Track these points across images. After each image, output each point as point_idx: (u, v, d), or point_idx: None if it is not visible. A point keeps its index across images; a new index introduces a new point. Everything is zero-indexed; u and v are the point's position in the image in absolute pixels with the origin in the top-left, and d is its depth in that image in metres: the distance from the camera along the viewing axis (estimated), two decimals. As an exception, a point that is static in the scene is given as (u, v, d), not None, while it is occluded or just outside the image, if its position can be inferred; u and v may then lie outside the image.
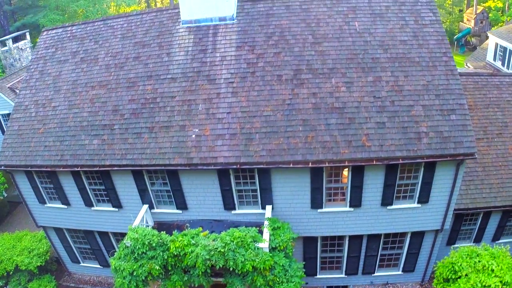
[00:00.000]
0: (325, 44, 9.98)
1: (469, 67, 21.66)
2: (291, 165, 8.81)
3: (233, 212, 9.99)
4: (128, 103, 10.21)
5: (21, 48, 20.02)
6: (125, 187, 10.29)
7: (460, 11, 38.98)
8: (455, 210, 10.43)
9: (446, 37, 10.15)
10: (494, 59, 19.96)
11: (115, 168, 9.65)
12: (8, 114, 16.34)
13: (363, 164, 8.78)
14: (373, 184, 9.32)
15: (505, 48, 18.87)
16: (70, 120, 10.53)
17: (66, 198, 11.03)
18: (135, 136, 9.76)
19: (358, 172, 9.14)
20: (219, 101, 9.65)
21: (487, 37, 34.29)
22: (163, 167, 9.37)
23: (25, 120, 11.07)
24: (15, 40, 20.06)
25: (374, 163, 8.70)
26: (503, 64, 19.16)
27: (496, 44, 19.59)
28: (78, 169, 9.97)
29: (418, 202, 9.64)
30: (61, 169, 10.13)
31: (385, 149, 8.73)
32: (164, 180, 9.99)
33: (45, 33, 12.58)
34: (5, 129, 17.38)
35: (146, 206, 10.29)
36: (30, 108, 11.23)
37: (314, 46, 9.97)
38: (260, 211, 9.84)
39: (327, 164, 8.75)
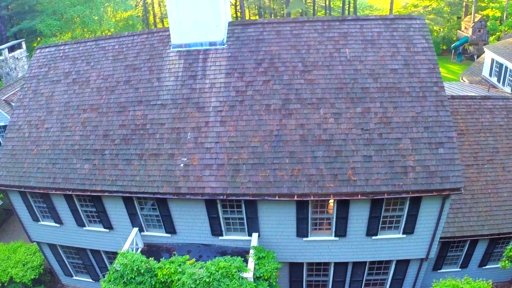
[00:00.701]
0: (315, 73, 9.93)
1: (464, 81, 21.42)
2: (276, 198, 8.92)
3: (220, 238, 10.17)
4: (119, 128, 10.31)
5: (17, 58, 20.01)
6: (116, 211, 10.48)
7: (459, 18, 38.26)
8: (441, 238, 10.52)
9: (438, 66, 10.07)
10: (490, 75, 19.70)
11: (106, 194, 9.83)
12: (4, 126, 16.51)
13: (348, 198, 8.86)
14: (358, 216, 9.41)
15: (501, 64, 18.59)
16: (62, 142, 10.67)
17: (59, 217, 11.27)
18: (125, 163, 9.89)
19: (343, 204, 9.23)
20: (207, 130, 9.71)
21: (484, 45, 33.80)
22: (152, 195, 9.53)
23: (19, 140, 11.24)
24: (11, 49, 19.99)
25: (359, 197, 8.77)
26: (498, 80, 18.91)
27: (492, 60, 19.31)
28: (70, 192, 10.16)
29: (403, 233, 9.73)
30: (53, 192, 10.34)
31: (371, 184, 8.78)
32: (153, 206, 10.15)
33: (38, 51, 12.62)
34: (1, 142, 17.70)
35: (136, 229, 10.49)
36: (23, 128, 11.37)
37: (303, 74, 9.94)
38: (247, 237, 10.01)
39: (312, 198, 8.84)
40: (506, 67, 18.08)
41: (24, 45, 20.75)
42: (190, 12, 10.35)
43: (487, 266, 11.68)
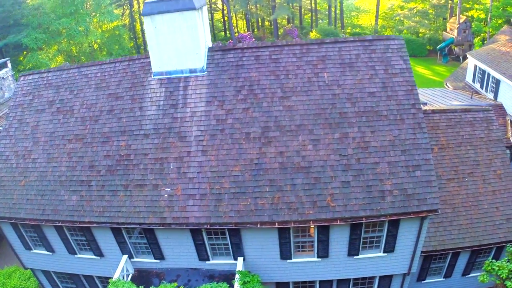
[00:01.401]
0: (294, 99, 10.06)
1: (448, 87, 21.50)
2: (258, 226, 9.18)
3: (207, 262, 10.48)
4: (104, 159, 10.49)
5: (2, 77, 19.93)
6: (105, 240, 10.76)
7: (444, 19, 38.05)
8: (423, 252, 10.86)
9: (415, 87, 10.18)
10: (473, 81, 19.79)
11: (94, 225, 10.10)
12: None
13: (327, 224, 9.12)
14: (339, 238, 9.70)
15: (483, 71, 18.67)
16: (49, 174, 10.86)
17: (50, 246, 11.56)
18: (111, 194, 10.11)
19: (324, 228, 9.50)
20: (189, 159, 9.90)
21: (470, 46, 33.71)
22: (138, 226, 9.78)
23: (7, 171, 11.42)
24: None
25: (338, 222, 9.04)
26: (481, 87, 19.02)
27: (475, 66, 19.38)
28: (60, 224, 10.42)
29: (384, 252, 10.03)
30: (43, 223, 10.60)
31: (349, 209, 9.03)
32: (141, 234, 10.43)
33: (22, 78, 12.69)
34: None
35: (125, 256, 10.79)
36: (11, 158, 11.54)
37: (282, 100, 10.07)
38: (233, 261, 10.31)
39: (292, 225, 9.11)
40: (489, 74, 18.19)
41: (9, 64, 20.68)
42: (169, 40, 10.40)
43: (470, 275, 12.06)
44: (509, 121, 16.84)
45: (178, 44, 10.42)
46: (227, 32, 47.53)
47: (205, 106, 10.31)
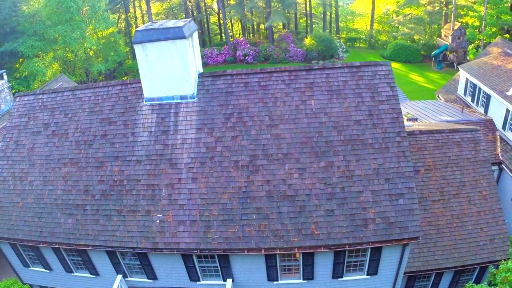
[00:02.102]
0: (281, 127, 10.36)
1: (440, 99, 21.73)
2: (245, 252, 9.54)
3: (198, 283, 10.86)
4: (98, 184, 10.81)
5: None
6: (100, 260, 11.13)
7: (439, 25, 38.22)
8: (407, 272, 11.24)
9: (401, 115, 10.45)
10: (465, 94, 20.02)
11: (90, 248, 10.46)
12: None
13: (311, 251, 9.48)
14: (323, 263, 10.07)
15: (475, 85, 18.89)
16: (46, 196, 11.20)
17: (48, 264, 11.94)
18: (106, 218, 10.45)
19: (308, 254, 9.86)
20: (180, 186, 10.22)
21: (464, 53, 33.84)
22: (131, 250, 10.14)
23: (5, 193, 11.75)
24: None
25: (322, 250, 9.40)
26: (472, 100, 19.25)
27: (467, 80, 19.60)
28: (57, 246, 10.78)
29: (368, 274, 10.40)
30: (41, 245, 10.96)
31: (333, 237, 9.38)
32: (134, 257, 10.79)
33: (18, 99, 12.95)
34: None
35: (120, 276, 11.17)
36: (8, 180, 11.86)
37: (270, 128, 10.37)
38: (222, 282, 10.69)
39: (278, 252, 9.47)
40: (480, 88, 18.42)
41: (5, 76, 20.81)
42: (160, 67, 10.67)
43: (453, 292, 12.46)
44: (498, 137, 17.12)
45: (169, 71, 10.69)
46: (223, 35, 47.61)
47: (195, 133, 10.62)
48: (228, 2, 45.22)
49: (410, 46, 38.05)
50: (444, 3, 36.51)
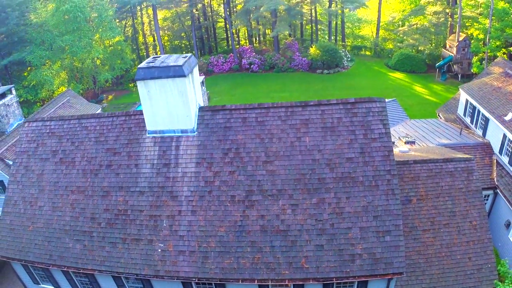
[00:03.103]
0: (276, 163, 10.86)
1: (441, 118, 21.93)
2: (240, 282, 10.13)
3: (196, 307, 11.50)
4: (104, 212, 11.46)
5: (7, 104, 20.72)
6: (106, 282, 11.83)
7: (444, 36, 38.10)
8: (395, 301, 11.68)
9: (392, 152, 10.86)
10: (464, 115, 20.20)
11: (96, 273, 11.15)
12: (0, 181, 17.68)
13: (301, 283, 10.02)
14: (315, 293, 10.61)
15: (474, 107, 19.07)
16: (54, 222, 11.90)
17: (57, 283, 12.68)
18: (111, 245, 11.11)
19: (299, 285, 10.40)
20: (180, 218, 10.82)
21: (469, 64, 33.76)
22: (135, 276, 10.80)
23: (15, 216, 12.48)
24: (1, 96, 20.60)
25: (311, 282, 9.93)
26: (471, 122, 19.44)
27: (467, 101, 19.77)
28: (65, 269, 11.50)
29: (357, 304, 10.92)
30: (50, 267, 11.69)
31: (321, 270, 9.90)
32: (138, 281, 11.45)
33: (26, 124, 13.60)
34: None
35: (123, 298, 11.86)
36: (19, 204, 12.59)
37: (266, 165, 10.88)
38: (220, 308, 11.31)
39: (270, 283, 10.04)
40: (479, 111, 18.62)
41: (14, 91, 21.50)
42: (162, 103, 11.23)
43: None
44: (495, 161, 17.38)
45: (170, 107, 11.25)
46: (229, 41, 48.11)
47: (195, 167, 11.18)
48: (235, 9, 45.58)
49: (415, 56, 38.09)
50: (449, 14, 36.44)
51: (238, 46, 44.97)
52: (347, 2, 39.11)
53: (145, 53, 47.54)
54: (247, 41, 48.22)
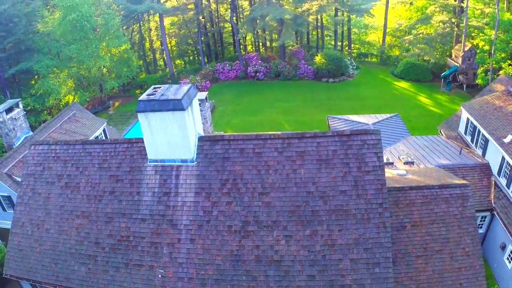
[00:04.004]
0: (272, 195, 11.23)
1: (442, 134, 21.98)
2: (235, 311, 10.57)
3: (194, 331, 11.97)
4: (107, 238, 11.98)
5: (15, 118, 21.22)
6: (107, 305, 12.36)
7: (450, 46, 37.81)
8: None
9: (385, 185, 11.11)
10: (465, 133, 20.23)
11: (99, 296, 11.71)
12: (8, 197, 18.33)
13: (295, 313, 10.41)
14: (308, 322, 10.98)
15: (475, 126, 19.12)
16: (61, 244, 12.46)
17: (62, 301, 13.29)
18: (114, 270, 11.64)
19: (293, 314, 10.80)
20: (180, 246, 11.28)
21: (474, 75, 33.53)
22: (135, 300, 11.32)
23: (23, 237, 13.09)
24: (9, 110, 21.07)
25: (304, 312, 10.32)
26: (472, 140, 19.49)
27: (468, 119, 19.79)
28: (71, 290, 12.10)
29: (349, 332, 11.26)
30: (57, 287, 12.29)
31: (314, 301, 10.28)
32: (137, 304, 11.97)
33: (32, 147, 14.12)
34: (5, 207, 19.69)
35: (125, 319, 12.38)
36: (26, 226, 13.19)
37: (262, 196, 11.25)
38: (217, 332, 11.76)
39: (263, 312, 10.45)
40: (479, 130, 18.67)
41: (21, 105, 22.04)
42: (162, 134, 11.66)
43: None
44: (493, 183, 17.50)
45: (170, 138, 11.67)
46: (236, 47, 48.49)
47: (194, 197, 11.61)
48: (241, 16, 45.84)
49: (421, 65, 37.96)
50: (455, 24, 36.21)
51: (244, 52, 45.26)
52: (352, 10, 39.11)
53: (151, 58, 48.16)
54: (253, 47, 48.44)
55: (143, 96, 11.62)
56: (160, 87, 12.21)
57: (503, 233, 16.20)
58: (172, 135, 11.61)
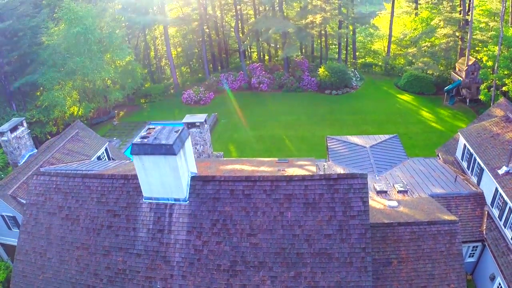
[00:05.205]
0: (259, 236, 11.71)
1: (439, 158, 22.07)
2: None
3: None
4: (105, 270, 12.63)
5: (19, 137, 21.89)
6: (104, 333, 13.06)
7: (453, 59, 37.49)
8: None
9: (369, 230, 11.48)
10: (462, 159, 20.30)
11: (96, 325, 12.39)
12: (13, 217, 19.15)
13: None
14: None
15: (471, 154, 19.19)
16: (62, 274, 13.16)
17: (62, 327, 14.04)
18: (110, 301, 12.31)
19: None
20: (172, 281, 11.86)
21: (477, 89, 33.25)
22: (129, 332, 11.97)
23: (27, 264, 13.84)
24: (13, 129, 21.76)
25: None
26: (468, 167, 19.55)
27: (465, 146, 19.87)
28: (72, 321, 12.81)
29: None
30: (59, 316, 13.04)
31: None
32: (131, 335, 12.63)
33: (35, 177, 14.77)
34: (10, 226, 20.55)
35: None
36: (30, 254, 13.92)
37: (249, 237, 11.74)
38: None
39: None
40: (475, 158, 18.76)
41: (25, 123, 22.78)
42: (155, 175, 12.19)
43: None
44: (486, 213, 17.64)
45: (163, 179, 12.21)
46: (240, 56, 48.85)
47: (186, 236, 12.16)
48: (246, 24, 46.07)
49: (424, 78, 37.80)
50: (459, 37, 35.91)
51: (249, 62, 45.58)
52: (356, 23, 39.02)
53: (155, 67, 48.77)
54: (258, 56, 48.64)
55: (137, 139, 12.17)
56: (154, 128, 12.74)
57: (493, 264, 16.40)
58: (165, 176, 12.15)
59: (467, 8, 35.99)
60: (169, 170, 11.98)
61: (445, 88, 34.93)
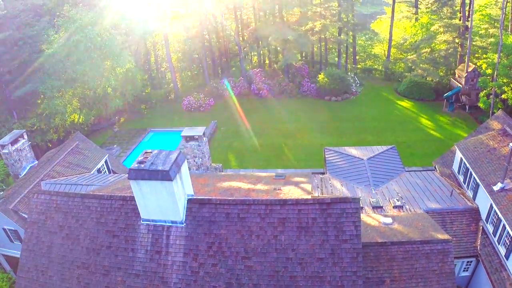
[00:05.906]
0: (254, 259, 12.00)
1: (436, 170, 22.19)
2: None
3: None
4: (104, 289, 13.00)
5: (20, 149, 22.13)
6: None
7: (453, 66, 37.48)
8: None
9: (361, 255, 11.75)
10: (458, 172, 20.42)
11: None
12: (15, 230, 19.51)
13: None
14: None
15: (467, 168, 19.31)
16: (62, 292, 13.55)
17: None
18: (109, 321, 12.66)
19: None
20: (168, 303, 12.20)
21: (477, 96, 33.27)
22: None
23: (29, 281, 14.22)
24: (14, 142, 22.00)
25: None
26: (464, 181, 19.68)
27: (461, 159, 19.98)
28: (71, 337, 13.18)
29: None
30: (59, 332, 13.40)
31: None
32: None
33: (35, 196, 15.05)
34: (12, 239, 20.92)
35: None
36: (32, 271, 14.30)
37: (244, 260, 12.03)
38: None
39: None
40: (471, 173, 18.89)
41: (25, 135, 23.03)
42: (153, 199, 12.47)
43: None
44: (481, 228, 17.82)
45: (160, 203, 12.49)
46: (240, 61, 48.96)
47: (182, 257, 12.47)
48: (246, 30, 46.10)
49: (424, 84, 37.85)
50: (459, 44, 35.89)
51: (249, 67, 45.71)
52: (355, 30, 39.05)
53: (156, 72, 48.94)
54: (258, 61, 48.72)
55: (134, 165, 12.43)
56: (151, 152, 13.00)
57: (486, 280, 16.61)
58: (162, 200, 12.43)
59: (467, 14, 35.96)
60: (166, 195, 12.26)
61: (445, 94, 34.99)
